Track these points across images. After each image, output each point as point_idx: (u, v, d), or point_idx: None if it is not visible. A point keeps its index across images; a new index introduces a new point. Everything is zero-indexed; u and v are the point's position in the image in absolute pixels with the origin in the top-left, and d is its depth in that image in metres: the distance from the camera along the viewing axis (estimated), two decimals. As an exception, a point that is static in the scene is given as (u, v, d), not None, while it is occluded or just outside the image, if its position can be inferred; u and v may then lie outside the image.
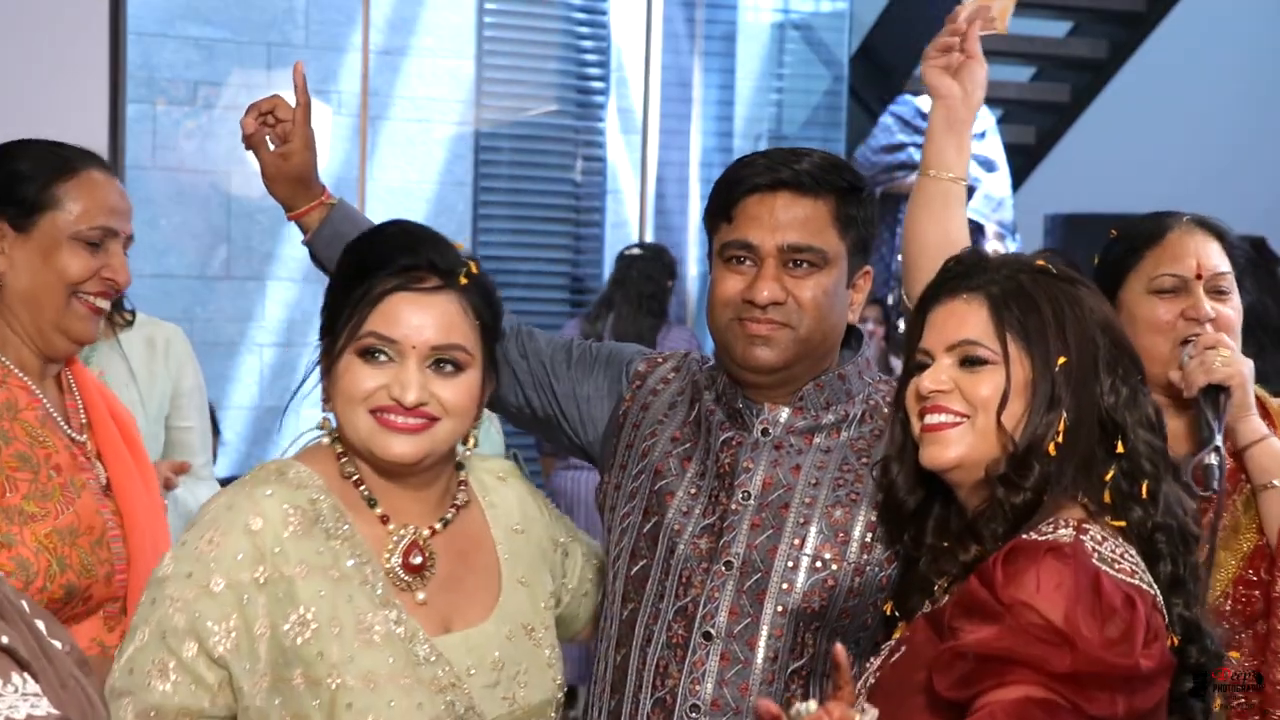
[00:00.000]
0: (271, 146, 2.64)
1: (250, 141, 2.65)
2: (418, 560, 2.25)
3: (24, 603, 1.83)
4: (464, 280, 2.25)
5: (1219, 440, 2.57)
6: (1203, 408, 2.63)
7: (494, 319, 2.29)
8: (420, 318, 2.21)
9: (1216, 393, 2.62)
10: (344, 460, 2.27)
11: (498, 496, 2.40)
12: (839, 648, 1.87)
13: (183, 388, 3.71)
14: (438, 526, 2.29)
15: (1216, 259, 2.76)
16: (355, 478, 2.26)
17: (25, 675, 1.75)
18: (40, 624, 1.84)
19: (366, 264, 2.25)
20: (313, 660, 2.14)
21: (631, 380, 2.60)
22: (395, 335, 2.20)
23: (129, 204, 2.65)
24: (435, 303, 2.22)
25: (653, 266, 6.93)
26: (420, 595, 2.24)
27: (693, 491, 2.47)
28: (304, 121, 2.63)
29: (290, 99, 2.65)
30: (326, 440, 2.29)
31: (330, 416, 2.28)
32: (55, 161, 2.58)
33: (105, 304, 2.61)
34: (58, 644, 1.84)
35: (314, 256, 2.71)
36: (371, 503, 2.26)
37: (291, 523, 2.18)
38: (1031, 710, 1.90)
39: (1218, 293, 2.75)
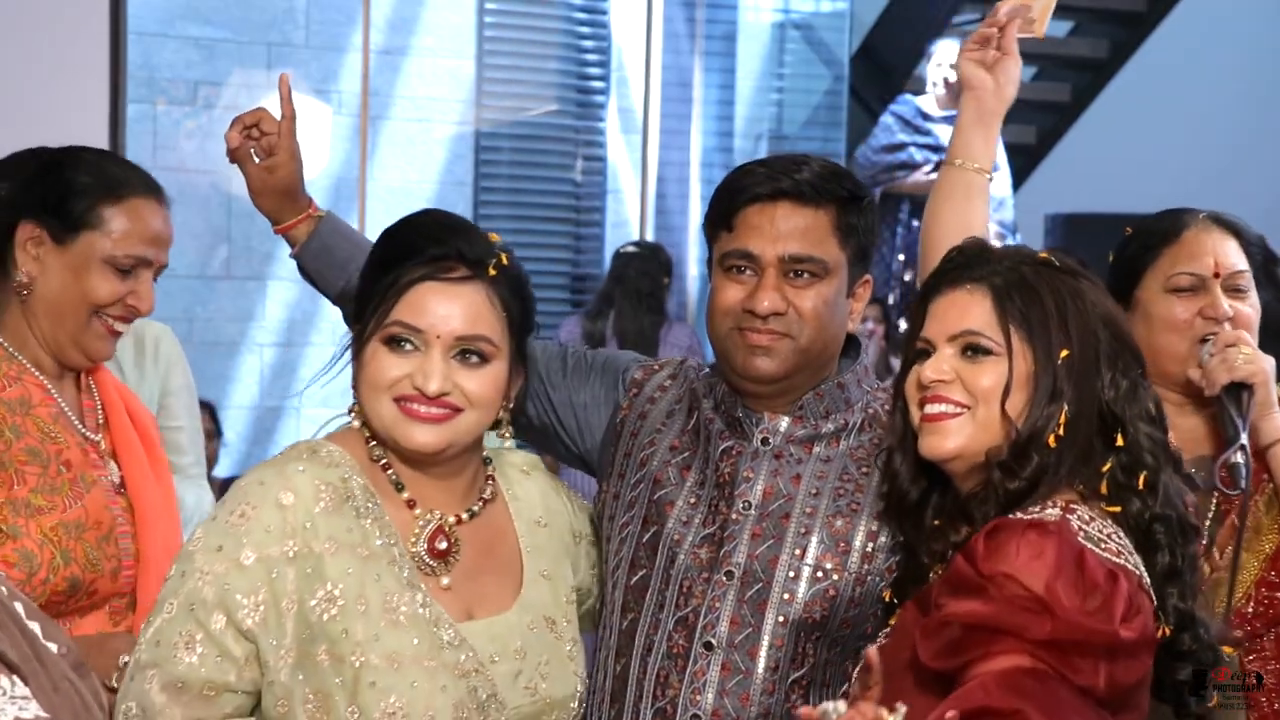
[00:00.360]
0: (257, 159, 2.62)
1: (235, 155, 2.62)
2: (443, 545, 2.27)
3: (19, 605, 1.83)
4: (493, 271, 2.26)
5: (1244, 438, 2.55)
6: (1225, 406, 2.60)
7: (523, 311, 2.31)
8: (446, 307, 2.23)
9: (1239, 390, 2.60)
10: (372, 445, 2.29)
11: (521, 490, 2.42)
12: (870, 650, 1.86)
13: (171, 387, 3.71)
14: (464, 516, 2.31)
15: (1234, 257, 2.74)
16: (383, 462, 2.29)
17: (14, 678, 1.75)
18: (36, 626, 1.84)
19: (397, 252, 2.27)
20: (338, 637, 2.16)
21: (628, 388, 2.59)
22: (420, 324, 2.22)
23: (171, 232, 2.64)
24: (462, 293, 2.24)
25: (649, 264, 6.96)
26: (445, 580, 2.26)
27: (692, 501, 2.46)
28: (289, 134, 2.60)
29: (285, 106, 2.63)
30: (356, 424, 2.31)
31: (357, 402, 2.30)
32: (108, 182, 2.57)
33: (124, 327, 2.62)
34: (53, 646, 1.83)
35: (302, 270, 2.69)
36: (399, 487, 2.28)
37: (323, 499, 2.21)
38: (1022, 679, 1.92)
39: (1235, 291, 2.73)
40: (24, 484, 2.48)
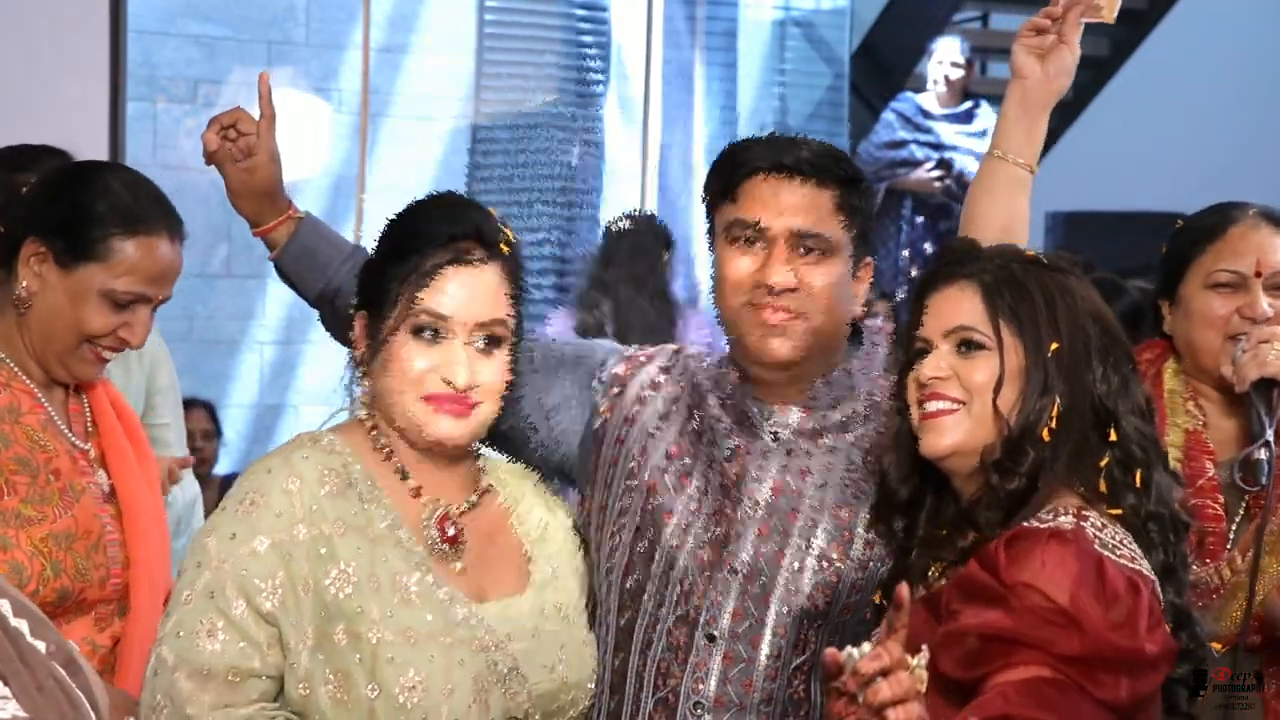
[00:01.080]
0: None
1: (213, 157, 2.58)
2: (452, 532, 2.30)
3: (6, 602, 1.82)
4: (505, 249, 2.30)
5: (1270, 435, 2.53)
6: (1254, 402, 2.58)
7: (523, 286, 2.34)
8: (468, 293, 2.27)
9: (1269, 387, 2.58)
10: (375, 434, 2.32)
11: (516, 490, 2.44)
12: (901, 588, 1.83)
13: (158, 385, 3.71)
14: (465, 506, 2.34)
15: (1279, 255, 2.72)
16: (388, 450, 2.31)
17: (-7, 679, 1.74)
18: (24, 624, 1.82)
19: (415, 237, 2.29)
20: (354, 615, 2.19)
21: (608, 386, 2.51)
22: (447, 312, 2.26)
23: (180, 266, 2.61)
24: (481, 276, 2.28)
25: (644, 239, 6.15)
26: (457, 565, 2.29)
27: (693, 508, 2.41)
28: (268, 134, 2.57)
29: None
30: (362, 414, 2.34)
31: (365, 390, 2.33)
32: (125, 215, 2.54)
33: (113, 355, 2.61)
34: (40, 645, 1.82)
35: (281, 273, 2.66)
36: (404, 476, 2.31)
37: (327, 483, 2.24)
38: (1043, 689, 1.92)
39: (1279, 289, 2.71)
40: (14, 494, 2.47)
